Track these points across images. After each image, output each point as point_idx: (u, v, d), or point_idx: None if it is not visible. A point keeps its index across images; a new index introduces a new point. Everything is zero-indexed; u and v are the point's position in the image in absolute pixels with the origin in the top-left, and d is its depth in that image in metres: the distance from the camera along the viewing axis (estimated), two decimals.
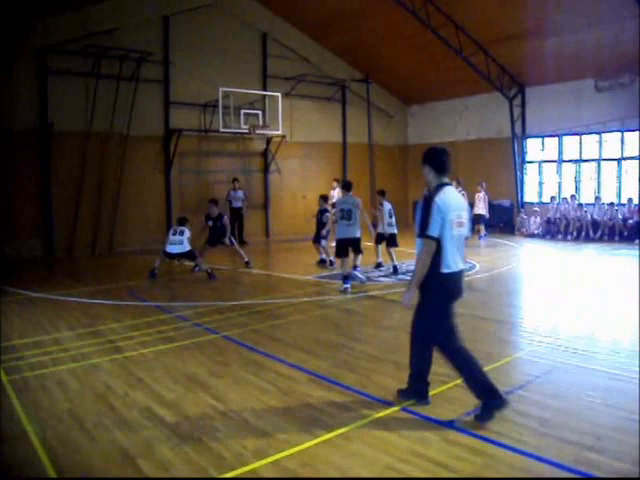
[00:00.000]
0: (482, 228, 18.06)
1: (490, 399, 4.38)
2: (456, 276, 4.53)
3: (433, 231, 4.38)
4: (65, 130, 14.65)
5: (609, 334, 6.97)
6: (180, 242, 11.48)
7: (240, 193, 17.11)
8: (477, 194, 18.16)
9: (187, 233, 11.64)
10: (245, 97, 17.17)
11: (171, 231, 11.81)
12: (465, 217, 4.59)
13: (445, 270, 4.44)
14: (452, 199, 4.51)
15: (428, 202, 4.45)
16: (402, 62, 19.79)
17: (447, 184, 4.58)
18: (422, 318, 4.66)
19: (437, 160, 4.62)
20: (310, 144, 20.03)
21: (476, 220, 17.70)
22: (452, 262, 4.46)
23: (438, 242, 4.40)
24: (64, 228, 14.86)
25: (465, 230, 4.61)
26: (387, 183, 21.80)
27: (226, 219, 12.42)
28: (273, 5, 18.37)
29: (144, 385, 5.32)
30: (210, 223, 12.25)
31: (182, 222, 11.93)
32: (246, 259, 12.59)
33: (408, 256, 13.11)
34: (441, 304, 4.56)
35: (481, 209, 18.14)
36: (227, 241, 12.40)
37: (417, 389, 4.80)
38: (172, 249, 11.46)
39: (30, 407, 4.80)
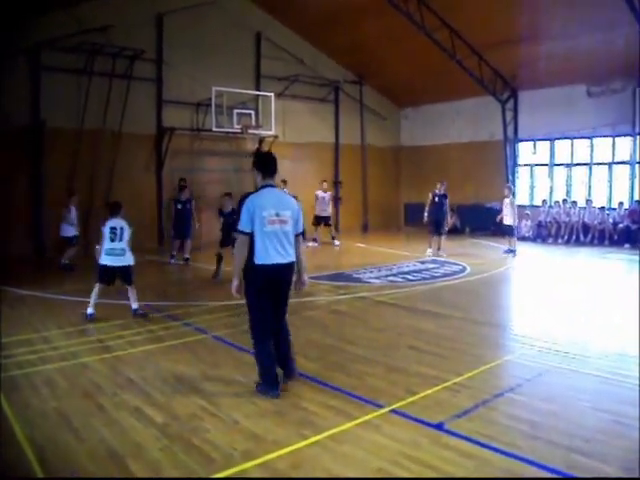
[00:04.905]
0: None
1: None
2: (269, 268, 4.89)
3: (242, 227, 4.88)
4: (57, 127, 14.50)
5: (599, 337, 6.99)
6: (122, 251, 7.86)
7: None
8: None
9: (127, 233, 7.98)
10: (238, 97, 17.10)
11: (107, 229, 7.89)
12: (288, 215, 4.97)
13: (257, 262, 4.88)
14: (267, 199, 4.93)
15: (242, 202, 5.00)
16: (396, 65, 19.80)
17: (269, 186, 5.03)
18: (248, 310, 5.10)
19: (262, 165, 5.12)
20: (303, 144, 19.95)
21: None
22: (264, 255, 4.86)
23: (251, 237, 4.86)
24: (55, 226, 14.70)
25: (288, 227, 4.98)
26: (379, 184, 21.99)
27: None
28: (267, 5, 18.33)
29: (133, 385, 5.29)
30: (222, 219, 11.27)
31: (117, 210, 8.24)
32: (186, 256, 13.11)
33: (403, 258, 13.11)
34: (256, 293, 4.95)
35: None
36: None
37: (265, 381, 5.01)
38: (113, 260, 7.80)
39: (18, 406, 4.75)
